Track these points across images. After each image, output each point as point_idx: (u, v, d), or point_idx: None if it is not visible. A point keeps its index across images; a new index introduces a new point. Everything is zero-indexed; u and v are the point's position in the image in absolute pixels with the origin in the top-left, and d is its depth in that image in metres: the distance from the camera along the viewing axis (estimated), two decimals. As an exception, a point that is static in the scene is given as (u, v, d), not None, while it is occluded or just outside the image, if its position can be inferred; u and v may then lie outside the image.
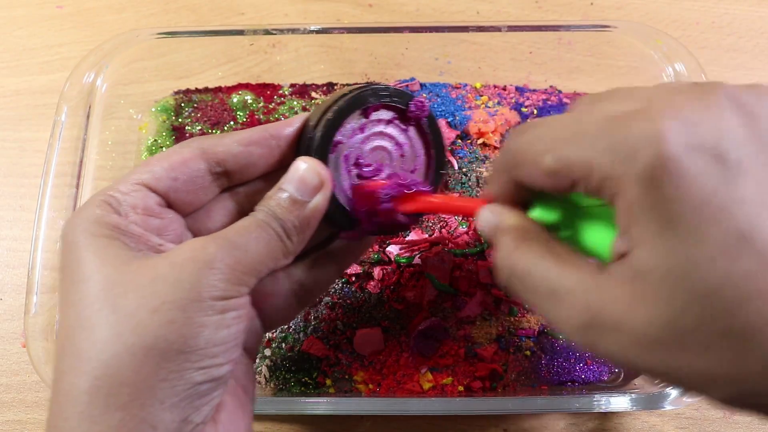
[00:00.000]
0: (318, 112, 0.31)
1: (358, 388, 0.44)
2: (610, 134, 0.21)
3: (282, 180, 0.29)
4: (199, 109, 0.54)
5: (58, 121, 0.46)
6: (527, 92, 0.54)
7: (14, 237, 0.51)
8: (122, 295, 0.24)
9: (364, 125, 0.32)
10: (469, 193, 0.50)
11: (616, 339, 0.21)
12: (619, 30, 0.49)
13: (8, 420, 0.45)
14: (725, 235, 0.19)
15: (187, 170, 0.29)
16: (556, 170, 0.23)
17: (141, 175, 0.28)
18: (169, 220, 0.29)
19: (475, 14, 0.60)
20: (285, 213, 0.28)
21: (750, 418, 0.45)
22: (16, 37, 0.59)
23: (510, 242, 0.27)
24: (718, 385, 0.20)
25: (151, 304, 0.24)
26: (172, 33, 0.50)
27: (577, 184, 0.23)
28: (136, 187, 0.28)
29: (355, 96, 0.31)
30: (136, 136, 0.53)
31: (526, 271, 0.25)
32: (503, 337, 0.45)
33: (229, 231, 0.27)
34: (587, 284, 0.22)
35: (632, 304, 0.20)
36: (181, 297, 0.24)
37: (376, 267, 0.47)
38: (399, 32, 0.51)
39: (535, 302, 0.25)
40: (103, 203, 0.27)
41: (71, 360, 0.23)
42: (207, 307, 0.24)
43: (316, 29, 0.50)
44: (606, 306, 0.21)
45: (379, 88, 0.32)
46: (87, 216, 0.26)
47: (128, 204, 0.27)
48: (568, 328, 0.23)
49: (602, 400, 0.40)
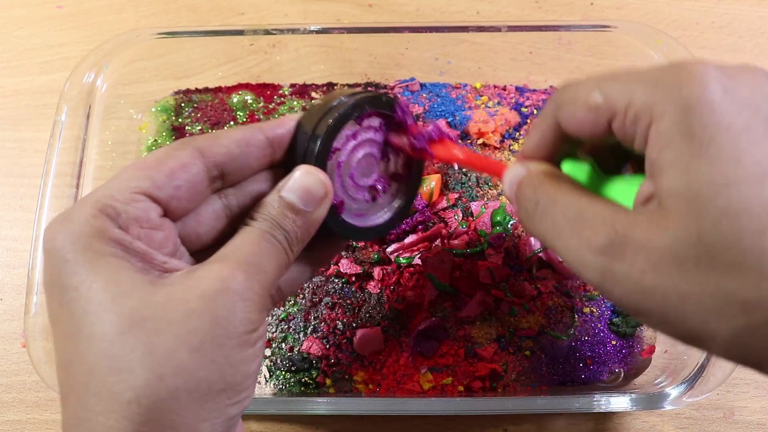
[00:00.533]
0: (314, 115, 0.31)
1: (358, 388, 0.44)
2: (655, 73, 0.22)
3: (283, 187, 0.28)
4: (199, 109, 0.54)
5: (58, 121, 0.46)
6: (527, 92, 0.54)
7: (14, 237, 0.51)
8: (156, 333, 0.22)
9: (357, 132, 0.32)
10: (469, 193, 0.50)
11: (636, 259, 0.21)
12: (619, 30, 0.49)
13: (8, 420, 0.45)
14: (759, 162, 0.19)
15: (188, 176, 0.27)
16: (598, 105, 0.24)
17: (139, 182, 0.26)
18: (168, 231, 0.27)
19: (475, 14, 0.60)
20: (289, 223, 0.28)
21: (750, 418, 0.45)
22: (16, 37, 0.59)
23: (537, 178, 0.26)
24: (730, 312, 0.19)
25: (190, 344, 0.23)
26: (172, 33, 0.50)
27: (614, 118, 0.23)
28: (137, 197, 0.25)
29: (354, 103, 0.31)
30: (136, 136, 0.53)
31: (553, 200, 0.25)
32: (503, 337, 0.45)
33: (245, 250, 0.26)
34: (614, 210, 0.23)
35: (659, 224, 0.20)
36: (219, 334, 0.23)
37: (376, 267, 0.47)
38: (399, 32, 0.51)
39: (557, 230, 0.24)
40: (99, 213, 0.24)
41: (105, 403, 0.22)
42: (243, 342, 0.24)
43: (316, 29, 0.50)
44: (632, 226, 0.21)
45: (374, 95, 0.32)
46: (82, 228, 0.24)
47: (130, 216, 0.25)
48: (586, 252, 0.22)
49: (602, 400, 0.40)
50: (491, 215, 0.48)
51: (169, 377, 0.22)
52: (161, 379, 0.22)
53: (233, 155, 0.28)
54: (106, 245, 0.24)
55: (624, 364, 0.45)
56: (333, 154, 0.31)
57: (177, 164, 0.27)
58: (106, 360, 0.22)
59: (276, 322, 0.46)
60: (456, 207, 0.49)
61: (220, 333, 0.23)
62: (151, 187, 0.26)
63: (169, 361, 0.22)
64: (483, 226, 0.47)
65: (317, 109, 0.31)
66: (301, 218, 0.28)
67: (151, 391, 0.22)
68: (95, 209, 0.24)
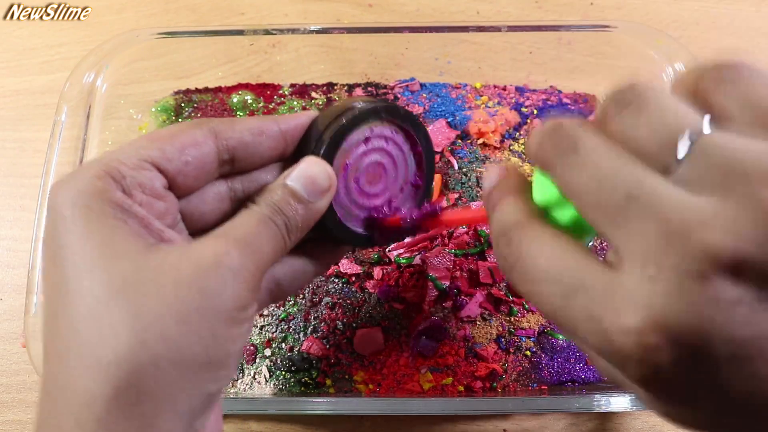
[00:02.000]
0: (330, 114, 0.31)
1: (358, 388, 0.44)
2: None
3: (288, 175, 0.28)
4: (199, 109, 0.54)
5: (58, 121, 0.46)
6: (527, 92, 0.54)
7: (14, 237, 0.51)
8: (144, 296, 0.22)
9: (369, 138, 0.32)
10: (469, 193, 0.50)
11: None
12: (619, 30, 0.49)
13: (8, 420, 0.45)
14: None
15: (199, 154, 0.27)
16: None
17: (149, 151, 0.26)
18: (171, 203, 0.27)
19: (475, 14, 0.60)
20: (291, 210, 0.28)
21: (750, 418, 0.45)
22: (16, 37, 0.59)
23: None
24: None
25: (178, 313, 0.22)
26: (172, 33, 0.50)
27: None
28: (144, 165, 0.26)
29: (370, 109, 0.31)
30: (136, 136, 0.52)
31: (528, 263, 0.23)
32: (503, 337, 0.45)
33: (243, 230, 0.26)
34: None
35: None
36: (207, 307, 0.23)
37: (376, 267, 0.47)
38: (399, 32, 0.51)
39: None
40: (105, 174, 0.24)
41: (84, 361, 0.22)
42: (231, 320, 0.24)
43: (316, 29, 0.50)
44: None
45: (392, 106, 0.32)
46: (85, 186, 0.24)
47: (135, 181, 0.25)
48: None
49: (602, 400, 0.40)
50: (491, 215, 0.48)
51: (152, 343, 0.22)
52: (144, 344, 0.22)
53: (245, 142, 0.29)
54: (105, 205, 0.24)
55: (624, 364, 0.45)
56: (341, 154, 0.31)
57: (189, 140, 0.27)
58: (92, 320, 0.22)
59: (276, 322, 0.46)
60: (456, 207, 0.49)
61: (209, 306, 0.23)
62: (160, 158, 0.26)
63: (154, 328, 0.22)
64: (483, 226, 0.47)
65: (334, 109, 0.31)
66: (303, 207, 0.28)
67: (133, 355, 0.22)
68: (100, 170, 0.24)
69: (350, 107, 0.31)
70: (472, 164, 0.51)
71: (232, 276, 0.24)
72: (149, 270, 0.23)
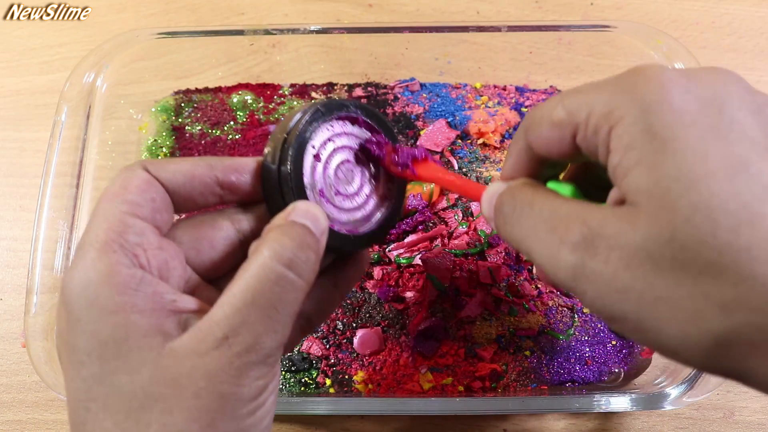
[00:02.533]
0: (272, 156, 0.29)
1: (358, 388, 0.44)
2: (614, 79, 0.22)
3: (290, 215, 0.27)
4: (199, 109, 0.54)
5: (58, 121, 0.46)
6: (527, 92, 0.54)
7: (14, 237, 0.51)
8: (168, 412, 0.23)
9: (318, 153, 0.31)
10: (469, 193, 0.50)
11: (609, 257, 0.20)
12: (619, 30, 0.49)
13: (8, 420, 0.45)
14: (725, 158, 0.19)
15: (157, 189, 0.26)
16: (562, 119, 0.23)
17: (121, 207, 0.25)
18: (173, 250, 0.26)
19: (475, 14, 0.60)
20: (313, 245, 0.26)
21: (750, 418, 0.45)
22: (16, 37, 0.59)
23: (516, 188, 0.26)
24: (709, 315, 0.18)
25: (201, 421, 0.23)
26: (172, 33, 0.50)
27: (578, 131, 0.23)
28: (128, 221, 0.25)
29: (297, 137, 0.30)
30: (136, 136, 0.53)
31: (529, 202, 0.24)
32: (503, 337, 0.45)
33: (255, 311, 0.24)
34: (590, 207, 0.22)
35: (630, 221, 0.20)
36: (229, 409, 0.23)
37: (376, 267, 0.47)
38: (399, 32, 0.51)
39: (532, 231, 0.24)
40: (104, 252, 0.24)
41: None
42: (254, 408, 0.24)
43: (316, 29, 0.50)
44: (603, 223, 0.21)
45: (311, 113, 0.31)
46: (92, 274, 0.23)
47: (132, 243, 0.24)
48: (560, 251, 0.22)
49: (602, 400, 0.40)
50: (491, 215, 0.48)
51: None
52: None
53: (176, 183, 0.27)
54: (114, 295, 0.23)
55: (624, 364, 0.45)
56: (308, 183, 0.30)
57: (141, 181, 0.26)
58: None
59: (276, 322, 0.46)
60: (456, 207, 0.49)
61: (230, 407, 0.23)
62: (132, 208, 0.25)
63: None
64: (483, 226, 0.47)
65: (273, 143, 0.30)
66: (315, 242, 0.26)
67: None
68: (96, 249, 0.24)
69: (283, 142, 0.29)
70: (472, 164, 0.51)
71: (246, 373, 0.23)
72: (168, 385, 0.23)
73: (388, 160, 0.33)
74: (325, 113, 0.31)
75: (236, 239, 0.29)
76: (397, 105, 0.53)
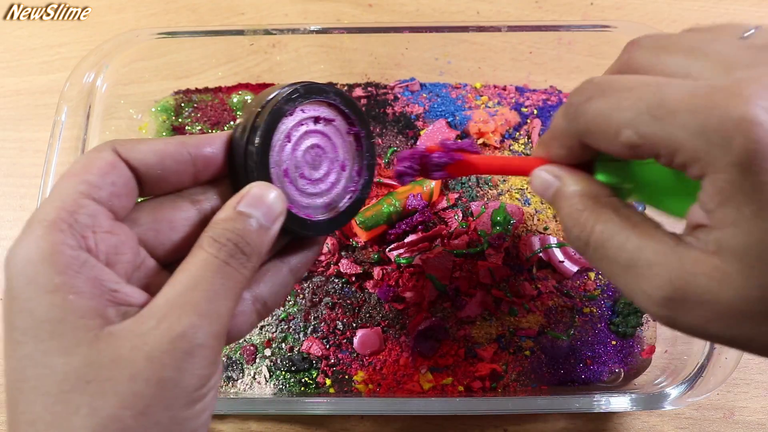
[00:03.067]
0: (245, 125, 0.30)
1: (358, 388, 0.44)
2: (700, 115, 0.21)
3: (239, 203, 0.27)
4: (199, 109, 0.54)
5: (58, 121, 0.46)
6: (527, 92, 0.54)
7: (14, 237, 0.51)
8: (101, 395, 0.22)
9: (289, 133, 0.31)
10: (469, 192, 0.50)
11: (701, 313, 0.22)
12: (619, 30, 0.49)
13: (8, 420, 0.45)
14: None
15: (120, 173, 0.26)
16: (638, 145, 0.23)
17: (78, 186, 0.24)
18: (125, 235, 0.26)
19: (475, 14, 0.60)
20: (255, 239, 0.26)
21: (750, 418, 0.45)
22: (16, 37, 0.59)
23: (578, 209, 0.26)
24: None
25: (135, 407, 0.22)
26: (172, 33, 0.50)
27: (658, 158, 0.23)
28: (83, 202, 0.24)
29: (271, 112, 0.30)
30: (136, 136, 0.53)
31: (600, 242, 0.25)
32: (503, 337, 0.45)
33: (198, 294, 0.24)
34: (669, 257, 0.22)
35: (721, 280, 0.21)
36: (166, 396, 0.23)
37: (376, 267, 0.47)
38: (399, 32, 0.51)
39: (613, 274, 0.24)
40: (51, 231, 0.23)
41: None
42: (192, 400, 0.24)
43: (316, 29, 0.50)
44: (691, 280, 0.22)
45: (288, 92, 0.31)
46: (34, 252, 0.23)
47: (81, 224, 0.24)
48: (648, 302, 0.23)
49: (602, 400, 0.40)
50: (491, 215, 0.48)
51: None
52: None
53: (147, 163, 0.27)
54: (53, 275, 0.23)
55: (624, 364, 0.45)
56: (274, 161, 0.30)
57: (104, 163, 0.26)
58: (49, 416, 0.22)
59: (276, 322, 0.46)
60: (456, 207, 0.49)
61: (168, 395, 0.23)
62: (89, 189, 0.25)
63: (113, 424, 0.22)
64: (483, 226, 0.47)
65: (243, 121, 0.30)
66: (262, 234, 0.27)
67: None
68: (44, 227, 0.23)
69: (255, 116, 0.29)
70: (472, 164, 0.51)
71: (189, 359, 0.23)
72: (102, 366, 0.22)
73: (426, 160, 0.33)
74: (304, 94, 0.31)
75: (197, 219, 0.29)
76: (397, 105, 0.53)
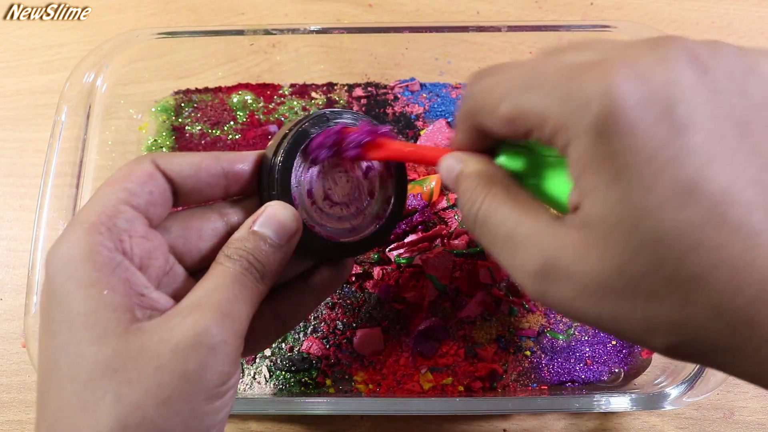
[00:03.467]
0: (273, 145, 0.31)
1: (358, 388, 0.44)
2: (564, 84, 0.21)
3: (256, 221, 0.29)
4: (199, 109, 0.54)
5: (58, 121, 0.46)
6: (527, 92, 0.54)
7: (14, 237, 0.51)
8: (126, 384, 0.23)
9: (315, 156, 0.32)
10: (469, 193, 0.50)
11: (566, 286, 0.21)
12: (619, 30, 0.49)
13: (8, 420, 0.45)
14: (673, 186, 0.19)
15: (157, 183, 0.28)
16: (512, 118, 0.23)
17: (119, 194, 0.27)
18: (158, 242, 0.28)
19: (475, 14, 0.60)
20: (264, 257, 0.28)
21: (750, 418, 0.45)
22: (16, 37, 0.59)
23: (471, 186, 0.26)
24: (660, 332, 0.20)
25: (157, 396, 0.23)
26: (172, 33, 0.50)
27: (532, 133, 0.23)
28: (122, 208, 0.26)
29: (297, 133, 0.31)
30: (136, 136, 0.53)
31: (485, 216, 0.25)
32: (503, 337, 0.45)
33: (219, 296, 0.26)
34: (543, 232, 0.23)
35: (583, 252, 0.21)
36: (188, 389, 0.24)
37: (376, 267, 0.47)
38: (399, 32, 0.51)
39: (493, 248, 0.25)
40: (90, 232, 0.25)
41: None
42: (213, 396, 0.25)
43: (316, 29, 0.50)
44: (558, 253, 0.21)
45: (316, 114, 0.31)
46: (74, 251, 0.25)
47: (120, 228, 0.26)
48: (522, 275, 0.23)
49: (602, 400, 0.40)
50: (491, 215, 0.48)
51: (132, 427, 0.23)
52: (125, 429, 0.23)
53: (183, 175, 0.29)
54: (92, 271, 0.24)
55: (624, 364, 0.45)
56: (297, 180, 0.31)
57: (144, 173, 0.28)
58: (77, 401, 0.23)
59: (276, 322, 0.46)
60: (456, 207, 0.49)
61: (190, 388, 0.24)
62: (128, 196, 0.27)
63: (135, 411, 0.23)
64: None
65: (276, 140, 0.31)
66: (274, 252, 0.28)
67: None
68: (84, 229, 0.25)
69: (283, 136, 0.31)
70: (472, 164, 0.51)
71: (212, 354, 0.24)
72: (131, 357, 0.24)
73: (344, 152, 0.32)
74: (330, 119, 0.32)
75: (224, 231, 0.30)
76: (397, 105, 0.53)
